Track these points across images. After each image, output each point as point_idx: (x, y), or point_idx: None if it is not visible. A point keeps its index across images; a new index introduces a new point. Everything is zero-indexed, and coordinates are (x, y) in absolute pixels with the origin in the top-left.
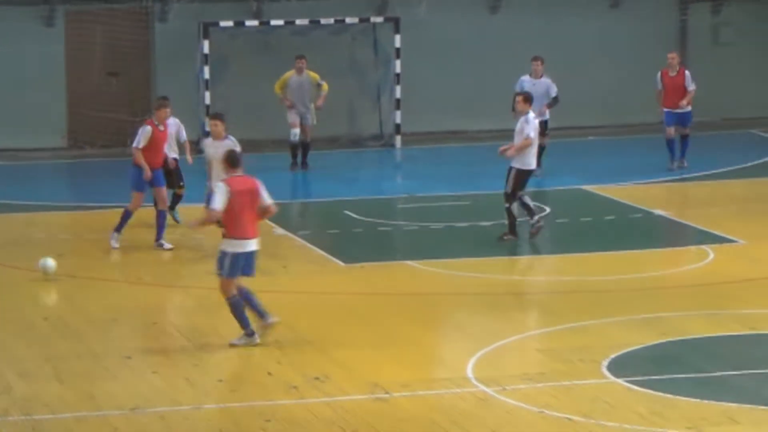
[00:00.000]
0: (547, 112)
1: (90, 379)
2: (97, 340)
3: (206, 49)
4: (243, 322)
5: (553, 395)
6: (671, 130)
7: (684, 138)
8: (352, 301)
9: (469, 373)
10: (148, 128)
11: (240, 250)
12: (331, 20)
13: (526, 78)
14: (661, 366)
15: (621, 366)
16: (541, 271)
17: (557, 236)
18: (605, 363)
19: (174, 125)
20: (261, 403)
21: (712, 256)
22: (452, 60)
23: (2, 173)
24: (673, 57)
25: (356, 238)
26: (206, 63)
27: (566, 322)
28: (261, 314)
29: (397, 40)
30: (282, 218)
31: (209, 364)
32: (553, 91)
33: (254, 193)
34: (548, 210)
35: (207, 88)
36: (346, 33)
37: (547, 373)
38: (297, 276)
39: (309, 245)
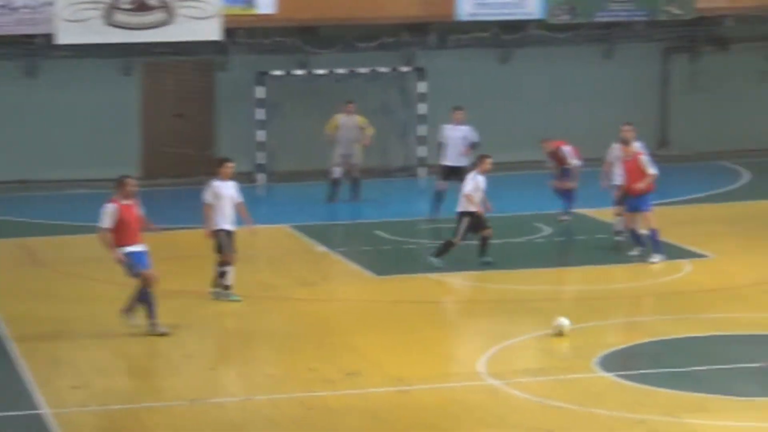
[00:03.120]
0: (468, 155)
1: (157, 374)
2: (163, 342)
3: (260, 95)
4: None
5: (552, 387)
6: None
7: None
8: (382, 307)
9: (480, 368)
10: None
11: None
12: (367, 70)
13: (448, 126)
14: (642, 362)
15: (608, 362)
16: (540, 281)
17: (555, 252)
18: (595, 360)
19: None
20: (303, 394)
21: (688, 269)
22: (468, 103)
23: (83, 199)
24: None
25: (385, 254)
26: (260, 106)
27: None
28: (131, 307)
29: (422, 87)
30: (322, 237)
31: (259, 361)
32: (473, 136)
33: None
34: (551, 231)
35: (261, 128)
36: (379, 80)
37: (546, 369)
38: (335, 286)
39: (345, 260)
